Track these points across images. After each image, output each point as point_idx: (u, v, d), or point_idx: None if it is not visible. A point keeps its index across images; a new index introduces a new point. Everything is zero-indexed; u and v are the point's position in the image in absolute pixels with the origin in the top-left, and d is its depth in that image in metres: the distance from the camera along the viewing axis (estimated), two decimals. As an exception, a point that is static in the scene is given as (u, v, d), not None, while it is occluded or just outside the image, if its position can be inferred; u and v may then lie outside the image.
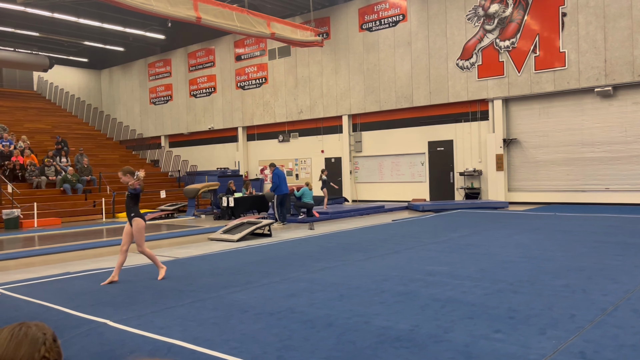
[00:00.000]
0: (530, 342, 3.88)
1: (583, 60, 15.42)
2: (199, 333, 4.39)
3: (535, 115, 16.71)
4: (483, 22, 17.21)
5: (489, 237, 9.54)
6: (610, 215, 12.48)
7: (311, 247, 9.24)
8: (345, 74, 20.59)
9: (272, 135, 23.40)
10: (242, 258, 8.32)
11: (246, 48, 23.87)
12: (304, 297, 5.50)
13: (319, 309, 5.03)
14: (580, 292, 5.28)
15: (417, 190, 19.24)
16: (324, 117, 21.41)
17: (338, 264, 7.42)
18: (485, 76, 17.23)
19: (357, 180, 20.88)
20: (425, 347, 3.87)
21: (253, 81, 23.64)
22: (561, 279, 5.88)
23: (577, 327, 4.18)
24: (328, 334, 4.26)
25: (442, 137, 18.54)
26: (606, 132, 15.44)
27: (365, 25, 19.97)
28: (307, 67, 21.73)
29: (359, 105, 20.31)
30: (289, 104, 22.44)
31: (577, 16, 15.49)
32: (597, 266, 6.53)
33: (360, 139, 20.62)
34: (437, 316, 4.63)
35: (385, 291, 5.64)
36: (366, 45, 19.97)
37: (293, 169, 22.80)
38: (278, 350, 3.91)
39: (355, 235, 10.58)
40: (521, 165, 17.06)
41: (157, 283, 6.53)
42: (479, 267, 6.76)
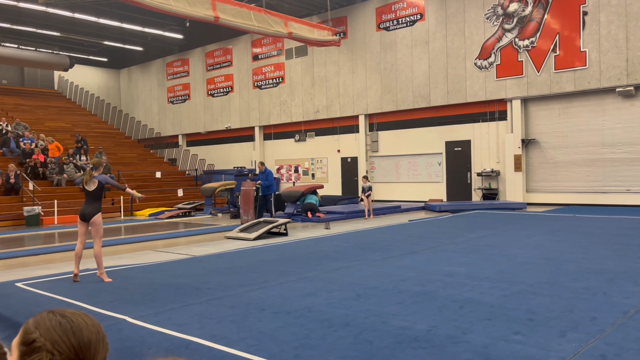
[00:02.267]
0: (550, 344, 3.83)
1: (604, 59, 15.19)
2: (217, 331, 4.42)
3: (555, 115, 16.50)
4: (502, 21, 17.04)
5: (507, 238, 9.45)
6: (632, 217, 12.27)
7: (327, 246, 9.24)
8: (362, 73, 20.55)
9: (289, 134, 23.45)
10: (258, 256, 8.35)
11: (263, 48, 23.95)
12: (321, 297, 5.50)
13: (336, 308, 5.02)
14: (601, 295, 5.20)
15: (434, 190, 19.12)
16: (341, 116, 21.39)
17: (355, 263, 7.40)
18: (503, 76, 17.05)
19: (374, 180, 20.82)
20: (443, 347, 3.84)
21: (270, 81, 23.71)
22: (581, 281, 5.80)
23: (598, 329, 4.12)
24: (345, 333, 4.25)
25: (460, 137, 18.41)
26: (628, 132, 15.19)
27: (382, 24, 19.90)
28: (324, 66, 21.73)
29: (375, 104, 20.25)
30: (305, 104, 22.47)
31: (598, 15, 15.26)
32: (619, 268, 6.43)
33: (376, 139, 20.56)
34: (455, 317, 4.59)
35: (402, 291, 5.62)
36: (383, 45, 19.90)
37: (309, 168, 22.83)
38: (295, 349, 3.91)
39: (371, 235, 10.55)
40: (540, 166, 16.86)
41: (175, 280, 6.59)
42: (497, 268, 6.70)
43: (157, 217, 16.84)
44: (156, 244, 10.64)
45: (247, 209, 13.04)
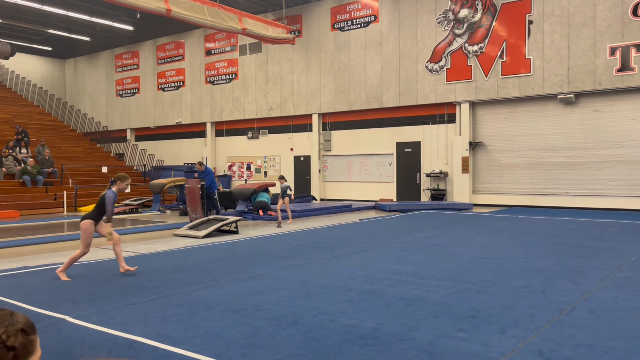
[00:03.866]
0: (492, 340, 3.96)
1: (547, 67, 15.84)
2: (162, 330, 4.32)
3: (501, 119, 17.08)
4: (453, 26, 17.48)
5: (453, 237, 9.70)
6: (570, 218, 12.86)
7: (278, 244, 9.21)
8: (316, 72, 20.60)
9: (241, 131, 23.23)
10: (207, 255, 8.23)
11: (217, 43, 23.61)
12: (270, 295, 5.48)
13: (285, 306, 5.02)
14: (540, 293, 5.42)
15: (385, 190, 19.41)
16: (294, 115, 21.37)
17: (305, 262, 7.42)
18: (453, 79, 17.50)
19: (326, 179, 20.93)
20: (390, 345, 3.91)
21: (223, 76, 23.41)
22: (522, 280, 6.03)
23: (536, 326, 4.29)
24: (293, 331, 4.25)
25: (410, 138, 18.76)
26: (567, 138, 15.90)
27: (337, 24, 20.01)
28: (278, 64, 21.65)
29: (329, 104, 20.35)
30: (259, 101, 22.32)
31: (542, 24, 15.90)
32: (557, 268, 6.72)
33: (329, 138, 20.67)
34: (401, 315, 4.68)
35: (351, 289, 5.67)
36: (338, 45, 20.02)
37: (262, 166, 22.69)
38: (242, 348, 3.88)
39: (322, 234, 10.59)
40: (486, 168, 17.41)
41: (119, 279, 6.40)
42: (443, 267, 6.87)
43: (102, 214, 16.27)
44: (101, 241, 10.29)
45: (195, 207, 12.82)
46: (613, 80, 14.86)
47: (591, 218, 12.85)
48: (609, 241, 8.96)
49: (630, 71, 14.57)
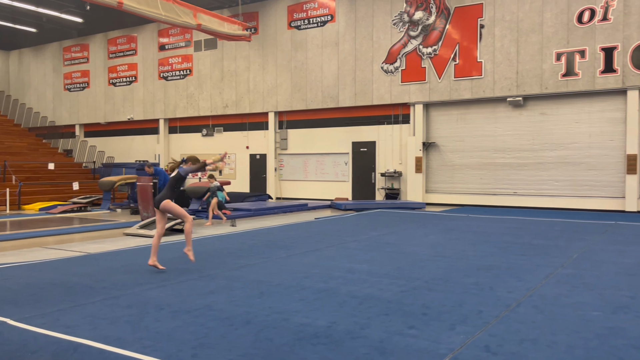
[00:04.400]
0: (441, 337, 4.05)
1: (498, 70, 16.33)
2: (110, 332, 4.20)
3: (453, 120, 17.49)
4: (408, 28, 17.76)
5: (406, 236, 9.87)
6: (518, 217, 13.31)
7: (232, 244, 9.12)
8: (272, 70, 20.50)
9: (196, 128, 22.86)
10: (159, 254, 8.03)
11: (171, 38, 23.14)
12: (223, 295, 5.42)
13: (238, 306, 4.97)
14: (488, 290, 5.59)
15: (340, 189, 19.53)
16: (250, 112, 21.20)
17: (259, 261, 7.37)
18: (408, 81, 17.79)
19: (282, 178, 20.87)
20: (342, 343, 3.93)
21: (177, 72, 22.96)
22: (471, 277, 6.19)
23: (484, 322, 4.42)
24: (246, 331, 4.22)
25: (366, 138, 18.95)
26: (516, 139, 16.45)
27: (293, 23, 19.98)
28: (234, 61, 21.42)
29: (285, 102, 20.30)
30: (214, 98, 22.02)
31: (493, 29, 16.38)
32: (504, 265, 6.94)
33: (286, 137, 20.62)
34: (354, 313, 4.72)
35: (305, 288, 5.67)
36: (294, 43, 19.99)
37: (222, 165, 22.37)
38: (194, 349, 3.82)
39: (277, 233, 10.56)
40: (439, 168, 17.79)
41: (66, 279, 6.17)
42: (396, 265, 6.97)
43: (48, 212, 15.69)
44: (46, 241, 9.92)
45: (146, 205, 12.52)
46: (558, 85, 15.47)
47: (537, 217, 13.33)
48: (553, 239, 9.33)
49: (575, 76, 15.20)
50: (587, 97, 15.34)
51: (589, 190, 15.40)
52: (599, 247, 8.40)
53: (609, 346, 3.83)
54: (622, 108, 14.86)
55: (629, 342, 3.92)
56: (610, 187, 15.14)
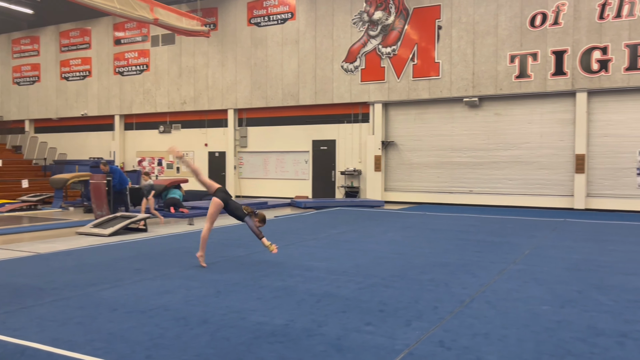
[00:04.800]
0: (397, 333, 4.10)
1: (454, 71, 16.67)
2: (60, 334, 4.06)
3: (412, 120, 17.75)
4: (367, 27, 17.90)
5: (365, 234, 9.96)
6: (473, 215, 13.64)
7: (189, 242, 8.98)
8: (232, 67, 20.29)
9: (153, 125, 22.37)
10: (113, 254, 7.85)
11: (127, 32, 22.56)
12: (179, 294, 5.33)
13: (194, 306, 4.90)
14: (443, 286, 5.70)
15: (301, 187, 19.53)
16: (209, 109, 20.92)
17: (217, 260, 7.29)
18: (367, 80, 17.94)
19: (242, 176, 20.70)
20: (299, 341, 3.93)
21: (133, 67, 22.41)
22: (428, 274, 6.31)
23: (439, 318, 4.51)
24: (202, 331, 4.16)
25: (326, 136, 19.01)
26: (472, 139, 16.84)
27: (253, 19, 19.82)
28: (193, 57, 21.08)
29: (245, 100, 20.13)
30: (171, 94, 21.62)
31: (450, 30, 16.71)
32: (459, 262, 7.10)
33: (245, 134, 20.45)
34: (312, 310, 4.73)
35: (263, 287, 5.65)
36: (254, 40, 19.84)
37: (174, 162, 22.00)
38: (147, 350, 3.74)
39: (235, 231, 10.47)
40: (397, 166, 18.03)
41: (13, 280, 5.94)
42: (354, 262, 7.03)
43: (-5, 211, 15.04)
44: (-7, 241, 9.51)
45: (100, 203, 12.17)
46: (512, 86, 15.93)
47: (492, 215, 13.70)
48: (506, 236, 9.60)
49: (527, 78, 15.68)
50: (539, 98, 15.86)
51: (540, 189, 15.93)
52: (549, 244, 8.70)
53: (556, 339, 3.97)
54: (571, 109, 15.43)
55: (576, 334, 4.07)
56: (560, 186, 15.70)
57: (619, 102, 14.93)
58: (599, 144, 15.17)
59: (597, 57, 14.85)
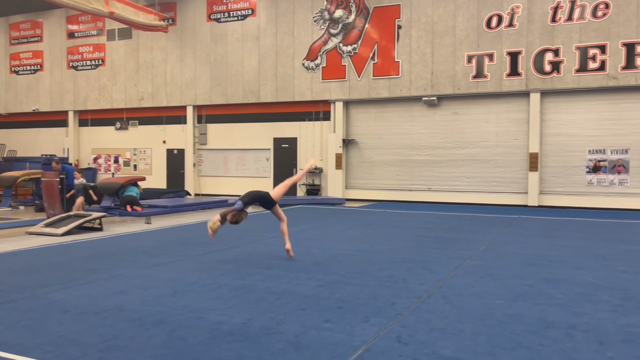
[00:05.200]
0: (355, 329, 4.13)
1: (414, 70, 16.91)
2: (6, 337, 3.90)
3: (372, 118, 17.90)
4: (328, 25, 17.94)
5: (325, 231, 9.98)
6: (431, 212, 13.88)
7: (146, 241, 8.79)
8: (191, 63, 19.96)
9: (109, 121, 21.78)
10: (66, 254, 7.60)
11: (81, 25, 21.87)
12: (135, 295, 5.20)
13: (151, 306, 4.80)
14: (402, 282, 5.77)
15: (262, 185, 19.37)
16: (167, 106, 20.52)
17: (175, 259, 7.16)
18: (328, 78, 17.98)
19: (201, 174, 20.41)
20: (257, 339, 3.91)
21: (88, 62, 21.75)
22: (386, 270, 6.37)
23: (397, 313, 4.56)
24: (158, 331, 4.08)
25: (287, 134, 18.95)
26: (430, 137, 17.13)
27: (213, 15, 19.56)
28: (151, 52, 20.63)
29: (205, 96, 19.84)
30: (128, 90, 21.09)
31: (410, 30, 16.93)
32: (417, 258, 7.21)
33: (205, 131, 20.17)
34: (271, 309, 4.70)
35: (222, 286, 5.58)
36: (214, 36, 19.58)
37: (131, 159, 21.49)
38: (100, 352, 3.64)
39: (195, 230, 10.32)
40: (358, 164, 18.16)
41: (-44, 283, 5.66)
42: (314, 260, 7.03)
43: (-61, 210, 14.33)
44: (-64, 241, 9.06)
45: (53, 202, 11.77)
46: (469, 86, 16.28)
47: (450, 212, 13.98)
48: (463, 233, 9.81)
49: (484, 78, 16.06)
50: (495, 98, 16.27)
51: (496, 186, 16.35)
52: (503, 240, 8.94)
53: (509, 332, 4.08)
54: (525, 109, 15.89)
55: (527, 327, 4.20)
56: (514, 183, 16.16)
57: (569, 103, 15.48)
58: (551, 143, 15.69)
59: (549, 59, 15.34)
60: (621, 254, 7.54)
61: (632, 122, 14.83)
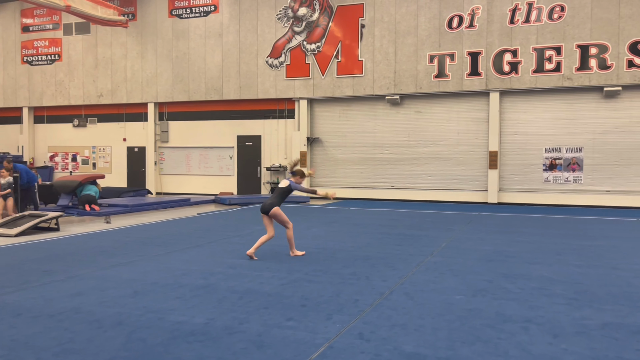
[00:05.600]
0: (318, 327, 4.14)
1: (377, 69, 17.05)
2: (-45, 343, 3.74)
3: (336, 117, 17.97)
4: (292, 23, 17.90)
5: (289, 229, 9.94)
6: (395, 210, 14.04)
7: (106, 241, 8.58)
8: (152, 59, 19.58)
9: (66, 118, 21.15)
10: (20, 255, 7.35)
11: (36, 19, 21.14)
12: (93, 296, 5.07)
13: (109, 307, 4.68)
14: (364, 279, 5.82)
15: (226, 183, 19.23)
16: (128, 103, 20.07)
17: (135, 259, 7.01)
18: (292, 76, 17.94)
19: (163, 172, 20.05)
20: (219, 339, 3.87)
21: (44, 57, 21.05)
22: (350, 268, 6.41)
23: (359, 310, 4.59)
24: (116, 333, 3.99)
25: (251, 132, 18.82)
26: (394, 136, 17.32)
27: (175, 11, 19.23)
28: (110, 47, 20.13)
29: (166, 93, 19.50)
30: (87, 86, 20.53)
31: (373, 29, 17.06)
32: (380, 255, 7.28)
33: (167, 129, 19.83)
34: (233, 308, 4.66)
35: (183, 286, 5.50)
36: (176, 32, 19.25)
37: (90, 157, 20.93)
38: (56, 356, 3.53)
39: (156, 229, 10.13)
40: (322, 162, 18.20)
41: None
42: (278, 258, 7.02)
43: None
44: None
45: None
46: (431, 85, 16.53)
47: (412, 209, 14.17)
48: (425, 230, 9.97)
49: (445, 78, 16.33)
50: (456, 97, 16.57)
51: (457, 184, 16.67)
52: (464, 237, 9.12)
53: (468, 326, 4.16)
54: (485, 108, 16.25)
55: (485, 322, 4.30)
56: (475, 181, 16.51)
57: (527, 102, 15.92)
58: (509, 142, 16.10)
59: (508, 60, 15.73)
60: (575, 249, 7.81)
61: (586, 122, 15.37)
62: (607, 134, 15.15)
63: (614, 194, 15.11)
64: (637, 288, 5.46)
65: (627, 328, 4.14)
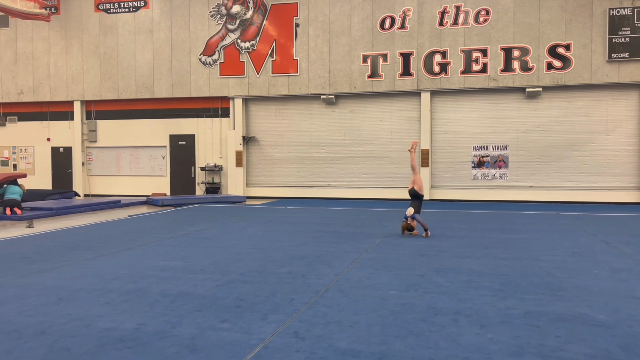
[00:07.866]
0: (253, 328, 4.10)
1: (312, 69, 17.13)
2: None
3: (272, 115, 17.90)
4: (226, 21, 17.64)
5: (225, 230, 9.82)
6: (331, 208, 14.17)
7: (27, 247, 8.10)
8: (78, 55, 18.70)
9: (-17, 117, 19.81)
10: None
11: (-53, 9, 19.63)
12: (12, 305, 4.77)
13: (30, 316, 4.43)
14: (300, 278, 5.83)
15: (158, 184, 18.68)
16: (52, 101, 19.07)
17: (60, 264, 6.67)
18: (227, 74, 17.69)
19: (91, 173, 19.21)
20: (150, 344, 3.75)
21: (-44, 51, 19.60)
22: (286, 267, 6.40)
23: (295, 309, 4.59)
24: (38, 343, 3.77)
25: (185, 131, 18.40)
26: (329, 135, 17.47)
27: (102, 5, 18.46)
28: (31, 42, 19.03)
29: (94, 91, 18.68)
30: (5, 83, 19.31)
31: (308, 28, 17.13)
32: (316, 253, 7.32)
33: (95, 128, 19.00)
34: (165, 312, 4.53)
35: (112, 291, 5.29)
36: (103, 28, 18.49)
37: (10, 158, 19.71)
38: (-31, 371, 3.29)
39: (84, 233, 9.68)
40: (258, 162, 18.08)
41: None
42: (212, 259, 6.89)
43: None
44: None
45: None
46: (365, 85, 16.81)
47: (348, 207, 14.35)
48: (360, 227, 10.12)
49: (379, 78, 16.66)
50: (389, 97, 16.94)
51: (391, 182, 17.05)
52: (397, 233, 9.34)
53: (401, 321, 4.26)
54: (417, 108, 16.72)
55: (418, 315, 4.42)
56: (408, 178, 16.93)
57: (456, 102, 16.52)
58: (440, 140, 16.65)
59: (438, 60, 16.25)
60: (501, 243, 8.19)
61: (510, 121, 16.16)
62: (530, 133, 16.00)
63: (536, 189, 15.98)
64: (557, 278, 5.80)
65: (548, 316, 4.39)
